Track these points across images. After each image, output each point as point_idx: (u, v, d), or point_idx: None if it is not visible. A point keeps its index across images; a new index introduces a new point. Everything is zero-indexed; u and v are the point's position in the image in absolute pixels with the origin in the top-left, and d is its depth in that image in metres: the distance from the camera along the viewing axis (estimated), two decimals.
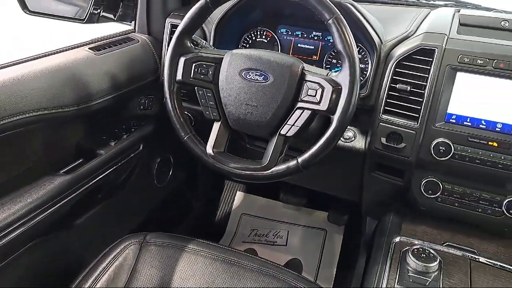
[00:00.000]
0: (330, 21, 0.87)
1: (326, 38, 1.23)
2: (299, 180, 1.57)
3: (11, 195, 0.95)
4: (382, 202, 1.27)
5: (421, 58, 1.02)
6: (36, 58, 1.05)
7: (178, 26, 1.00)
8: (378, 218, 1.30)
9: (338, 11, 0.87)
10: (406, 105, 1.04)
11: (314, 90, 0.89)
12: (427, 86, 1.00)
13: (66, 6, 1.36)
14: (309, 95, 0.90)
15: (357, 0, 1.14)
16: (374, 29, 1.10)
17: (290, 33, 1.27)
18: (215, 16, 1.20)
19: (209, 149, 0.98)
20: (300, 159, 0.91)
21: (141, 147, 1.31)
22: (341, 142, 1.17)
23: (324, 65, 1.24)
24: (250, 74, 0.93)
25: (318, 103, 0.89)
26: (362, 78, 1.16)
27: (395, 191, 1.18)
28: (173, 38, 0.99)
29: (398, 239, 1.07)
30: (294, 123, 0.91)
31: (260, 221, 1.94)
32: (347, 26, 0.87)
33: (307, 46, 1.25)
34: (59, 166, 1.08)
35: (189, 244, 1.05)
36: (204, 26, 1.22)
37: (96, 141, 1.18)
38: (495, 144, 0.97)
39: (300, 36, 1.26)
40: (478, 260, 1.00)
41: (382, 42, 1.10)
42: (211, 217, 1.97)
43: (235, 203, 2.00)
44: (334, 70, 1.22)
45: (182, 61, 0.98)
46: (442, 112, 1.01)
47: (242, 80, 0.94)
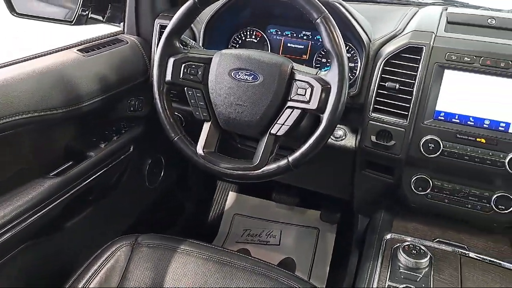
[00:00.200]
0: (318, 20, 0.87)
1: (315, 38, 1.23)
2: (291, 179, 1.57)
3: (0, 199, 0.94)
4: (373, 199, 1.27)
5: (409, 56, 1.03)
6: (24, 60, 1.04)
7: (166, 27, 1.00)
8: (370, 215, 1.30)
9: (326, 10, 0.87)
10: (395, 103, 1.04)
11: (304, 89, 0.89)
12: (416, 84, 1.01)
13: (54, 8, 1.35)
14: (298, 94, 0.90)
15: None
16: (362, 27, 1.10)
17: (279, 32, 1.27)
18: (204, 16, 1.19)
19: (199, 149, 0.98)
20: (290, 158, 0.92)
21: (131, 149, 1.30)
22: (331, 141, 1.18)
23: (314, 64, 1.24)
24: (239, 74, 0.93)
25: (308, 102, 0.89)
26: (351, 77, 1.17)
27: (386, 189, 1.19)
28: (161, 38, 0.99)
29: (389, 236, 1.07)
30: (284, 122, 0.92)
31: (253, 221, 1.94)
32: (335, 25, 0.87)
33: (297, 46, 1.25)
34: (49, 169, 1.07)
35: (181, 245, 1.05)
36: (193, 26, 1.22)
37: (86, 143, 1.17)
38: (483, 140, 0.98)
39: (289, 35, 1.26)
40: (468, 255, 1.01)
41: (370, 40, 1.10)
42: (204, 217, 1.97)
43: (228, 204, 2.00)
44: (324, 69, 1.22)
45: (171, 61, 0.98)
46: (431, 109, 1.01)
47: (231, 80, 0.94)
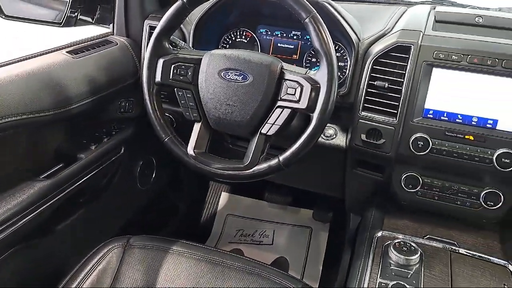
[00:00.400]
0: (306, 19, 0.87)
1: (305, 37, 1.24)
2: (283, 178, 1.58)
3: None
4: (365, 198, 1.28)
5: (397, 55, 1.03)
6: (12, 62, 1.03)
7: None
8: (362, 214, 1.31)
9: (315, 10, 0.88)
10: (384, 101, 1.05)
11: (293, 88, 0.90)
12: (404, 83, 1.02)
13: (43, 10, 1.34)
14: (288, 94, 0.90)
15: None
16: (351, 27, 1.11)
17: (269, 33, 1.27)
18: (194, 17, 1.19)
19: (190, 150, 0.98)
20: (281, 158, 0.92)
21: (122, 150, 1.30)
22: (322, 140, 1.18)
23: (304, 64, 1.25)
24: (229, 74, 0.93)
25: (298, 102, 0.90)
26: (341, 76, 1.17)
27: (377, 187, 1.20)
28: (151, 39, 0.99)
29: (380, 234, 1.08)
30: (275, 122, 0.92)
31: (245, 221, 1.94)
32: (324, 24, 0.88)
33: (287, 46, 1.26)
34: (39, 171, 1.07)
35: (173, 246, 1.05)
36: (183, 27, 1.22)
37: (76, 145, 1.16)
38: (471, 137, 0.99)
39: (279, 35, 1.26)
40: (458, 251, 1.02)
41: (359, 40, 1.11)
42: (197, 218, 1.96)
43: (220, 204, 2.00)
44: (314, 68, 1.23)
45: (160, 62, 0.98)
46: (420, 107, 1.02)
47: (221, 80, 0.94)
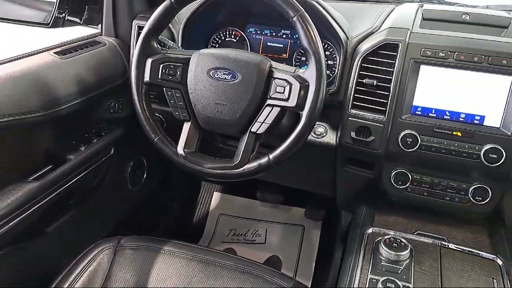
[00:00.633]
0: (294, 18, 0.88)
1: (294, 36, 1.24)
2: (275, 177, 1.58)
3: None
4: (355, 195, 1.29)
5: (385, 52, 1.04)
6: None
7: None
8: (353, 211, 1.32)
9: (302, 8, 0.88)
10: (373, 99, 1.05)
11: (282, 87, 0.90)
12: (393, 80, 1.02)
13: (30, 11, 1.34)
14: (277, 92, 0.90)
15: None
16: (340, 25, 1.11)
17: (259, 32, 1.27)
18: (183, 16, 1.19)
19: (180, 149, 0.98)
20: (271, 156, 0.92)
21: (112, 151, 1.29)
22: (313, 138, 1.19)
23: (294, 62, 1.25)
24: (218, 73, 0.93)
25: (287, 100, 0.90)
26: (330, 75, 1.18)
27: (367, 184, 1.20)
28: (139, 39, 0.98)
29: (371, 230, 1.09)
30: (264, 120, 0.92)
31: (238, 220, 1.94)
32: (312, 23, 0.88)
33: (277, 45, 1.26)
34: (28, 173, 1.06)
35: (164, 246, 1.05)
36: (172, 27, 1.22)
37: (65, 146, 1.16)
38: (459, 133, 1.00)
39: (269, 34, 1.26)
40: (447, 246, 1.03)
41: (348, 38, 1.11)
42: (189, 218, 1.96)
43: (213, 204, 1.99)
44: (304, 67, 1.23)
45: (149, 62, 0.98)
46: (408, 104, 1.03)
47: (210, 79, 0.94)
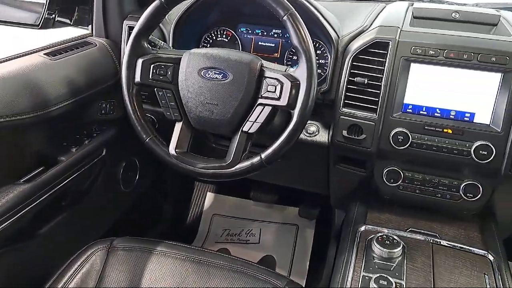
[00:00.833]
0: (284, 17, 0.88)
1: (286, 36, 1.24)
2: (268, 177, 1.58)
3: None
4: (348, 193, 1.29)
5: (376, 51, 1.05)
6: None
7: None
8: (346, 209, 1.32)
9: (292, 7, 0.88)
10: (364, 97, 1.06)
11: (274, 86, 0.90)
12: (384, 78, 1.03)
13: (20, 12, 1.33)
14: (269, 91, 0.91)
15: None
16: (330, 24, 1.12)
17: (250, 31, 1.27)
18: (173, 16, 1.19)
19: (171, 149, 0.97)
20: (263, 155, 0.92)
21: (104, 152, 1.28)
22: (305, 137, 1.19)
23: (285, 62, 1.25)
24: (209, 73, 0.93)
25: (278, 99, 0.90)
26: (322, 74, 1.18)
27: (360, 182, 1.21)
28: (129, 40, 0.98)
29: (363, 228, 1.09)
30: (256, 120, 0.92)
31: (232, 220, 1.94)
32: (302, 22, 0.88)
33: (268, 44, 1.26)
34: (19, 175, 1.05)
35: (157, 246, 1.04)
36: (162, 27, 1.22)
37: (56, 147, 1.15)
38: (450, 131, 1.01)
39: (260, 34, 1.26)
40: (439, 243, 1.04)
41: (339, 37, 1.12)
42: (183, 219, 1.96)
43: (206, 204, 1.99)
44: (295, 66, 1.23)
45: (139, 62, 0.97)
46: (399, 102, 1.03)
47: (201, 79, 0.94)
